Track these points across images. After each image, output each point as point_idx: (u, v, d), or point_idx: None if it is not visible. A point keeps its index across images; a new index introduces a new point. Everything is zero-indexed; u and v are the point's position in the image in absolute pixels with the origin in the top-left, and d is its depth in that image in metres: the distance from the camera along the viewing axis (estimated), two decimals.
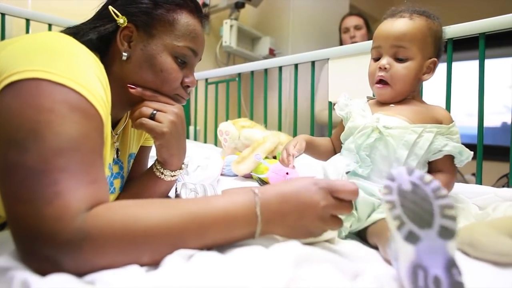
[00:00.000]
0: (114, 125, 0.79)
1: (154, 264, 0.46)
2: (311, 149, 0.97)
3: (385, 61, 0.88)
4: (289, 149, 0.91)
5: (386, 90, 0.89)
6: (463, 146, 0.83)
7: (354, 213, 0.75)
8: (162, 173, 0.79)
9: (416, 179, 0.44)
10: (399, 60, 0.87)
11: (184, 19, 0.73)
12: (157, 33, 0.70)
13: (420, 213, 0.42)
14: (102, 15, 0.72)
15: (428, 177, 0.44)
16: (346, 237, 0.76)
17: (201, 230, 0.48)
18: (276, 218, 0.52)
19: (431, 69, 0.90)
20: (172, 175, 0.80)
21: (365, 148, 0.83)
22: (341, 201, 0.54)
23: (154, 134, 0.72)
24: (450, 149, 0.82)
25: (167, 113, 0.72)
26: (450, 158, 0.84)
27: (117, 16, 0.69)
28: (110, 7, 0.70)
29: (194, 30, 0.74)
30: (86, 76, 0.53)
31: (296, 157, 0.91)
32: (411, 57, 0.86)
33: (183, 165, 0.82)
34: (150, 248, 0.45)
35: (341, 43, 2.52)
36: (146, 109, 0.71)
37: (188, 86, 0.77)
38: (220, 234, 0.49)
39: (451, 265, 0.40)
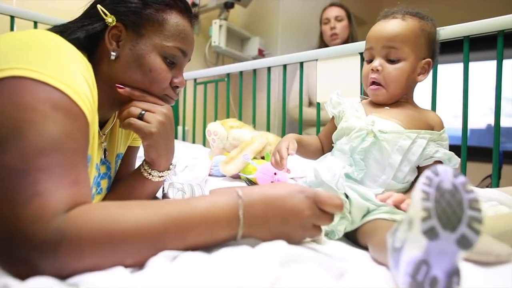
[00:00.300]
0: (102, 125, 0.79)
1: (137, 266, 0.45)
2: (300, 149, 0.95)
3: (377, 63, 0.87)
4: (282, 151, 0.88)
5: (381, 91, 0.88)
6: (452, 153, 0.84)
7: (348, 216, 0.75)
8: (150, 174, 0.78)
9: (459, 183, 0.43)
10: (391, 61, 0.87)
11: (174, 19, 0.72)
12: (146, 33, 0.70)
13: (450, 215, 0.42)
14: (90, 14, 0.71)
15: (470, 187, 0.44)
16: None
17: (182, 231, 0.47)
18: (259, 222, 0.51)
19: (426, 70, 0.89)
20: (160, 175, 0.79)
21: (359, 152, 0.82)
22: (324, 212, 0.55)
23: (142, 134, 0.71)
24: (441, 155, 0.82)
25: (155, 113, 0.72)
26: (439, 164, 0.84)
27: (106, 15, 0.69)
28: (99, 6, 0.69)
29: (183, 30, 0.73)
30: (72, 75, 0.52)
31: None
32: (403, 58, 0.86)
33: (171, 166, 0.82)
34: (130, 250, 0.44)
35: (321, 35, 2.40)
36: (135, 109, 0.70)
37: (177, 87, 0.76)
38: (201, 235, 0.49)
39: (454, 273, 0.41)
